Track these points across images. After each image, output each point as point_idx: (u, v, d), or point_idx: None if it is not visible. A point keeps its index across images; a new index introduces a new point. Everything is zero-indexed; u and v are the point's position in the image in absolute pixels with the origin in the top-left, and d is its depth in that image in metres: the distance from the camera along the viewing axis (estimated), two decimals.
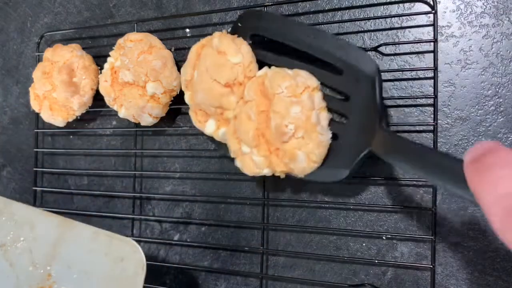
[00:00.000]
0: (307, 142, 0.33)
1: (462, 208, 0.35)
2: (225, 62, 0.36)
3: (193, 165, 0.45)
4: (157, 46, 0.42)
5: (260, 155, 0.34)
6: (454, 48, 0.36)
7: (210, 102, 0.36)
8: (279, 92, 0.33)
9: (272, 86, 0.33)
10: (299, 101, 0.33)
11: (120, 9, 0.49)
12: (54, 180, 0.52)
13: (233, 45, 0.36)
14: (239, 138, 0.35)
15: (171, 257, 0.45)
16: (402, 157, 0.29)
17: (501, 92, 0.34)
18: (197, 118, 0.39)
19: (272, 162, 0.34)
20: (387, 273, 0.37)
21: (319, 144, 0.33)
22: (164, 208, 0.46)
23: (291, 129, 0.32)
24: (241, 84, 0.36)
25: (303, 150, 0.33)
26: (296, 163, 0.33)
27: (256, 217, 0.42)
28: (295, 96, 0.33)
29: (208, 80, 0.36)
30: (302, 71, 0.35)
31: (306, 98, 0.33)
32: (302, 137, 0.33)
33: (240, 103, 0.36)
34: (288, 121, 0.32)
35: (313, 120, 0.33)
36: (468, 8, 0.36)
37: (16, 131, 0.55)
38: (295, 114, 0.32)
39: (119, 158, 0.49)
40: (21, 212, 0.40)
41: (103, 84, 0.43)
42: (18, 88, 0.55)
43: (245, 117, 0.34)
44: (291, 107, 0.33)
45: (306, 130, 0.33)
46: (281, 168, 0.34)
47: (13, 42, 0.55)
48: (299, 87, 0.33)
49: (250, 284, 0.42)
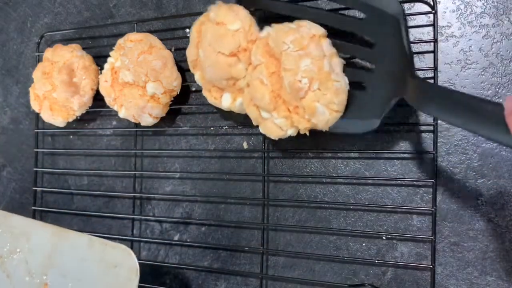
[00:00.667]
0: (324, 93, 0.32)
1: (462, 208, 0.35)
2: (225, 31, 0.35)
3: (193, 165, 0.45)
4: (157, 46, 0.42)
5: (280, 117, 0.34)
6: (454, 48, 0.36)
7: (220, 76, 0.36)
8: (285, 49, 0.32)
9: (277, 44, 0.33)
10: (307, 53, 0.32)
11: (120, 9, 0.49)
12: (54, 180, 0.52)
13: (230, 13, 0.35)
14: (256, 104, 0.35)
15: (171, 257, 0.45)
16: (439, 106, 0.28)
17: (501, 92, 0.34)
18: (212, 95, 0.38)
19: (294, 121, 0.34)
20: (387, 273, 0.37)
21: (337, 91, 0.32)
22: (164, 208, 0.46)
23: (305, 83, 0.32)
24: (246, 50, 0.35)
25: (322, 101, 0.32)
26: (318, 116, 0.33)
27: (256, 217, 0.42)
28: (302, 49, 0.32)
29: (212, 54, 0.35)
30: (304, 21, 0.34)
31: (313, 48, 0.32)
32: (318, 89, 0.32)
33: (249, 69, 0.35)
34: (301, 76, 0.32)
35: (326, 69, 0.32)
36: (468, 8, 0.36)
37: (16, 131, 0.55)
38: (306, 67, 0.32)
39: (119, 158, 0.49)
40: (18, 224, 0.41)
41: (103, 84, 0.43)
42: (18, 88, 0.55)
43: (258, 82, 0.34)
44: (300, 61, 0.32)
45: (320, 80, 0.32)
46: (304, 125, 0.34)
47: (13, 42, 0.55)
48: (304, 39, 0.32)
49: (250, 284, 0.42)
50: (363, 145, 0.38)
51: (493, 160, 0.34)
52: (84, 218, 0.50)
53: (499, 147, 0.34)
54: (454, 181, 0.35)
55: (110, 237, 0.48)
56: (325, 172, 0.39)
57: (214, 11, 0.36)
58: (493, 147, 0.34)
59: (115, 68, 0.43)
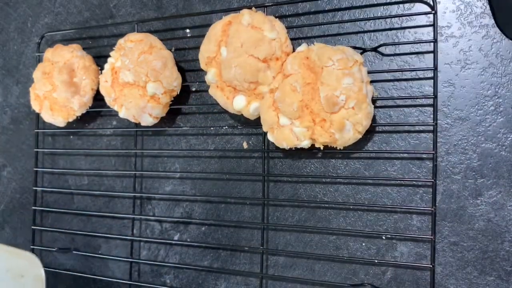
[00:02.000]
0: (357, 113, 0.34)
1: (462, 208, 0.35)
2: (262, 37, 0.37)
3: (193, 165, 0.45)
4: (158, 47, 0.42)
5: (302, 126, 0.35)
6: (454, 48, 0.36)
7: (245, 77, 0.37)
8: (329, 65, 0.34)
9: (322, 59, 0.34)
10: (351, 73, 0.34)
11: (121, 9, 0.49)
12: (54, 180, 0.52)
13: (268, 21, 0.37)
14: (277, 110, 0.36)
15: (171, 257, 0.46)
16: None
17: (501, 92, 0.35)
18: (225, 95, 0.39)
19: (315, 133, 0.35)
20: (387, 273, 0.37)
21: (367, 115, 0.34)
22: (164, 208, 0.46)
23: (342, 99, 0.34)
24: (278, 60, 0.37)
25: (351, 120, 0.34)
26: (343, 133, 0.35)
27: (256, 217, 0.42)
28: (346, 68, 0.34)
29: (244, 55, 0.36)
30: (346, 47, 0.36)
31: (357, 70, 0.34)
32: (353, 108, 0.34)
33: (278, 77, 0.37)
34: (340, 92, 0.34)
35: (364, 92, 0.34)
36: (468, 8, 0.36)
37: (16, 131, 0.55)
38: (347, 85, 0.34)
39: (119, 158, 0.49)
40: None
41: (104, 84, 0.43)
42: (18, 88, 0.55)
43: (289, 89, 0.35)
44: (343, 79, 0.34)
45: (357, 100, 0.34)
46: (324, 139, 0.35)
47: (14, 42, 0.55)
48: (349, 61, 0.34)
49: (250, 284, 0.42)
50: (363, 145, 0.38)
51: (493, 160, 0.34)
52: (84, 218, 0.50)
53: (499, 147, 0.34)
54: (454, 181, 0.35)
55: (110, 237, 0.48)
56: (325, 172, 0.39)
57: (249, 15, 0.37)
58: (492, 147, 0.34)
59: (115, 68, 0.43)
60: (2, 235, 0.55)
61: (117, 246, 0.48)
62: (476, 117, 0.35)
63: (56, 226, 0.51)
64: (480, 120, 0.35)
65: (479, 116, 0.35)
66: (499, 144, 0.34)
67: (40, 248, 0.51)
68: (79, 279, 0.50)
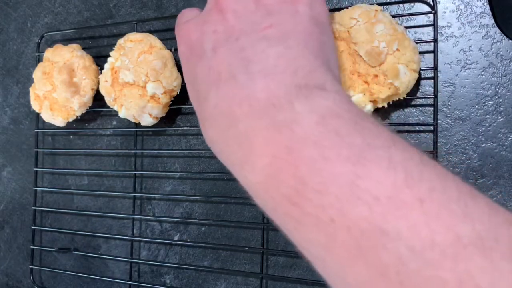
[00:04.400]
0: (403, 52, 0.33)
1: None
2: None
3: (193, 165, 0.45)
4: (157, 46, 0.42)
5: (358, 92, 0.34)
6: (454, 48, 0.36)
7: None
8: (353, 25, 0.34)
9: (344, 23, 0.34)
10: (378, 20, 0.34)
11: (120, 9, 0.49)
12: (54, 180, 0.52)
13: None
14: None
15: (171, 257, 0.46)
16: None
17: (501, 92, 0.34)
18: None
19: (374, 93, 0.34)
20: None
21: (414, 50, 0.34)
22: (164, 208, 0.46)
23: (383, 46, 0.33)
24: None
25: (402, 61, 0.33)
26: (401, 78, 0.34)
27: (256, 217, 0.42)
28: (372, 19, 0.34)
29: None
30: (358, 4, 0.36)
31: (382, 16, 0.34)
32: (397, 49, 0.33)
33: None
34: (378, 41, 0.33)
35: (400, 30, 0.34)
36: (468, 8, 0.36)
37: (16, 131, 0.55)
38: (381, 32, 0.33)
39: (119, 158, 0.49)
40: None
41: (103, 84, 0.43)
42: (18, 88, 0.55)
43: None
44: (373, 28, 0.33)
45: (398, 40, 0.33)
46: (385, 93, 0.34)
47: (13, 42, 0.55)
48: (371, 11, 0.34)
49: (250, 284, 0.42)
50: None
51: (493, 160, 0.34)
52: (84, 218, 0.50)
53: (499, 147, 0.34)
54: None
55: (110, 237, 0.48)
56: None
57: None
58: (493, 147, 0.34)
59: (115, 68, 0.43)
60: (2, 235, 0.55)
61: (117, 246, 0.48)
62: (477, 117, 0.35)
63: (56, 226, 0.51)
64: (480, 120, 0.35)
65: (479, 116, 0.35)
66: (500, 144, 0.34)
67: (40, 248, 0.51)
68: (79, 279, 0.50)
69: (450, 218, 0.16)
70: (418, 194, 0.17)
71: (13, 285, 0.54)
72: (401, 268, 0.16)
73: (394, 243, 0.16)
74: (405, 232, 0.16)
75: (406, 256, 0.16)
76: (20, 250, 0.53)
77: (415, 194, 0.17)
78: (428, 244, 0.16)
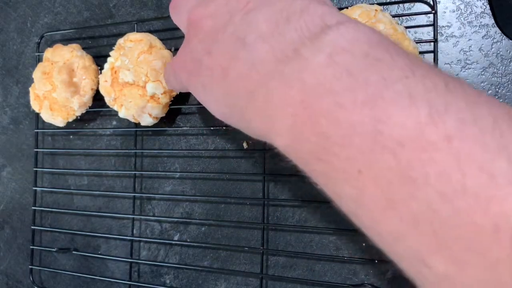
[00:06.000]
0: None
1: None
2: None
3: (193, 165, 0.45)
4: (157, 46, 0.42)
5: None
6: (454, 48, 0.36)
7: None
8: None
9: None
10: (378, 20, 0.34)
11: (120, 9, 0.49)
12: (54, 180, 0.52)
13: None
14: None
15: (171, 257, 0.45)
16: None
17: (501, 92, 0.34)
18: None
19: None
20: (387, 273, 0.37)
21: (415, 50, 0.34)
22: (164, 208, 0.46)
23: None
24: None
25: None
26: None
27: (256, 217, 0.42)
28: (371, 18, 0.34)
29: None
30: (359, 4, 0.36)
31: (382, 16, 0.34)
32: None
33: None
34: None
35: (400, 30, 0.34)
36: (468, 8, 0.36)
37: (16, 131, 0.55)
38: (383, 31, 0.33)
39: (119, 158, 0.49)
40: None
41: (103, 84, 0.43)
42: (18, 88, 0.55)
43: None
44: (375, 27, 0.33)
45: (398, 40, 0.33)
46: None
47: (13, 42, 0.55)
48: (370, 11, 0.34)
49: (250, 284, 0.42)
50: None
51: None
52: (84, 218, 0.50)
53: None
54: None
55: (110, 237, 0.48)
56: None
57: None
58: None
59: (115, 68, 0.43)
60: (1, 235, 0.55)
61: (117, 246, 0.48)
62: None
63: (56, 226, 0.51)
64: None
65: None
66: None
67: (40, 248, 0.51)
68: (79, 279, 0.50)
69: (482, 156, 0.14)
70: (445, 130, 0.15)
71: (13, 285, 0.54)
72: (433, 216, 0.15)
73: (423, 191, 0.15)
74: (433, 178, 0.15)
75: (437, 204, 0.15)
76: (20, 250, 0.53)
77: (441, 131, 0.15)
78: (460, 189, 0.14)
